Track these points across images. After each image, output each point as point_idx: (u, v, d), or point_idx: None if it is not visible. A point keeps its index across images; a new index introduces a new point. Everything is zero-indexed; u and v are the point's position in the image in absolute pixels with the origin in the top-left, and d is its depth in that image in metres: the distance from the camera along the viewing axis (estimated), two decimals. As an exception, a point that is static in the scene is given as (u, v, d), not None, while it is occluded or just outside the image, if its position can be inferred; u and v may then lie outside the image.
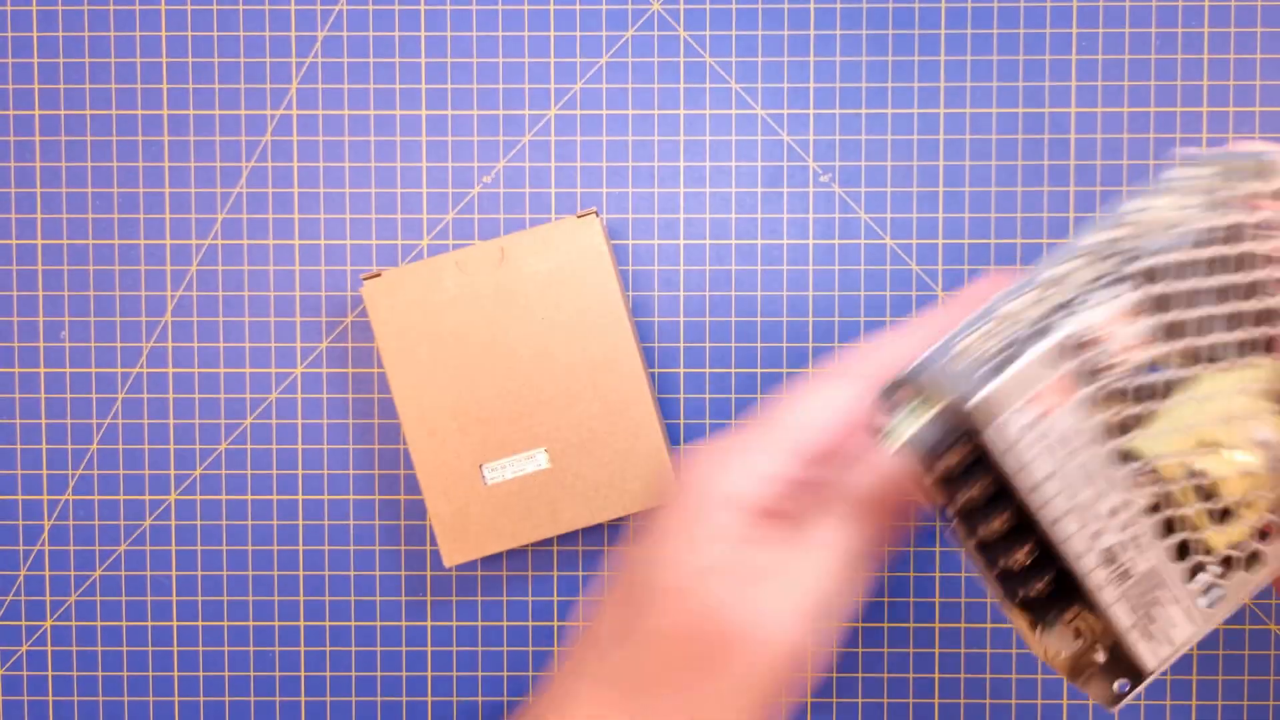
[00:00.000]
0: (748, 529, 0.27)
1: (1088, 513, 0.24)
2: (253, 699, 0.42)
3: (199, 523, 0.42)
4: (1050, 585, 0.25)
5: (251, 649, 0.42)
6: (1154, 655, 0.24)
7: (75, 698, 0.42)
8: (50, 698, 0.42)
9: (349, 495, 0.42)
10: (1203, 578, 0.24)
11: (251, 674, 0.42)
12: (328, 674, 0.42)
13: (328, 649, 0.42)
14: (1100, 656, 0.25)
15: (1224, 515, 0.24)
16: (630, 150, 0.41)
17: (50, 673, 0.42)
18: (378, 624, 0.42)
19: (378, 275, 0.39)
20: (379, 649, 0.42)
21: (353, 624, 0.42)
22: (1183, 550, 0.24)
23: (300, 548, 0.42)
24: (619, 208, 0.42)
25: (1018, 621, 0.25)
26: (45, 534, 0.42)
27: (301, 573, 0.42)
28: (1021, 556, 0.24)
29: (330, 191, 0.42)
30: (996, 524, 0.24)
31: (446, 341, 0.39)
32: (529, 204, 0.42)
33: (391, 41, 0.42)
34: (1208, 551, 0.24)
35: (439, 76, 0.42)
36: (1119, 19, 0.41)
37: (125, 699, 0.42)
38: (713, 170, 0.41)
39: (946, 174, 0.41)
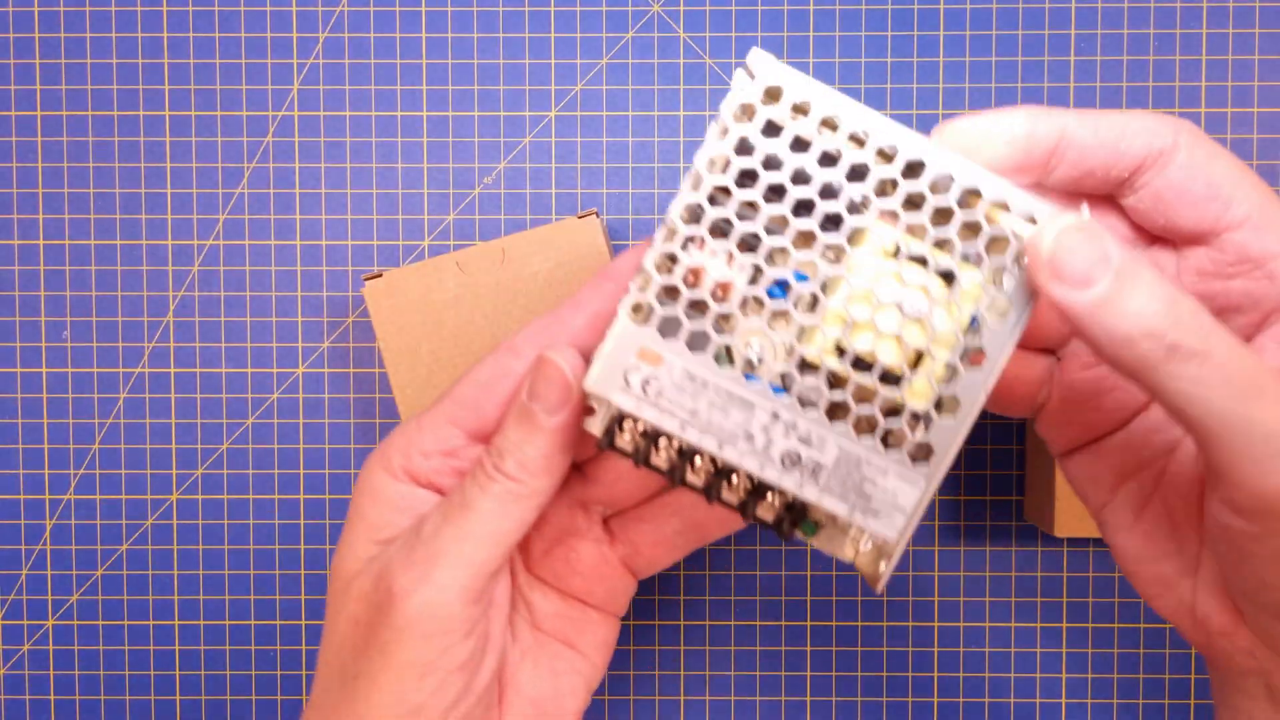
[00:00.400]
0: (417, 503, 0.28)
1: (742, 434, 0.24)
2: (254, 698, 0.42)
3: (201, 522, 0.42)
4: (784, 500, 0.25)
5: (253, 648, 0.42)
6: (890, 527, 0.24)
7: (77, 697, 0.42)
8: (52, 697, 0.42)
9: (350, 495, 0.42)
10: (907, 441, 0.24)
11: (253, 673, 0.42)
12: (329, 673, 0.42)
13: (329, 648, 0.42)
14: (864, 545, 0.26)
15: (898, 380, 0.24)
16: (631, 151, 0.42)
17: (52, 672, 0.42)
18: (379, 623, 0.42)
19: (379, 276, 0.39)
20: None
21: (354, 623, 0.42)
22: (868, 426, 0.24)
23: (302, 547, 0.42)
24: (619, 208, 0.42)
25: (806, 540, 0.26)
26: (47, 533, 0.42)
27: (303, 572, 0.42)
28: (734, 491, 0.25)
29: (332, 192, 0.42)
30: (697, 473, 0.25)
31: (447, 341, 0.39)
32: (530, 205, 0.42)
33: (393, 43, 0.42)
34: (898, 415, 0.24)
35: (440, 78, 0.42)
36: (1117, 20, 0.41)
37: (127, 698, 0.42)
38: (713, 171, 0.42)
39: (945, 175, 0.41)
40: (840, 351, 0.24)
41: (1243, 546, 0.23)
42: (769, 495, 0.25)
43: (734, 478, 0.25)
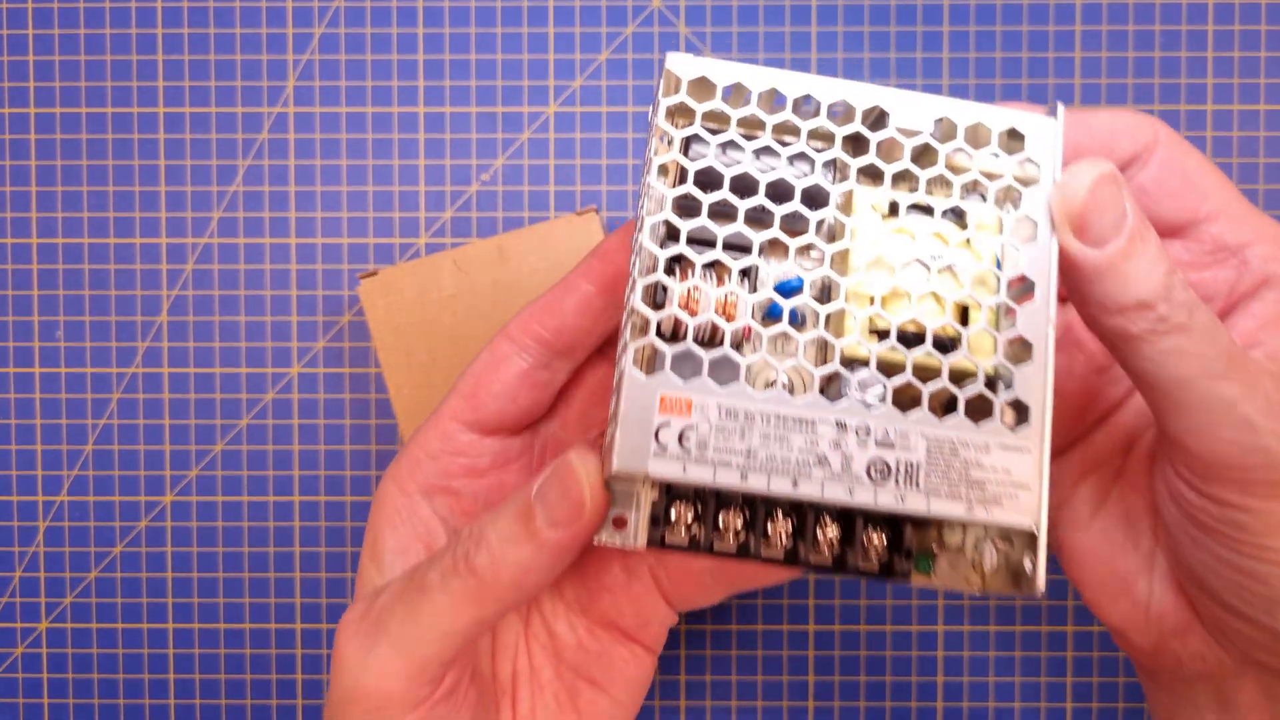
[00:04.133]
0: (416, 522, 0.27)
1: (813, 460, 0.20)
2: (249, 703, 0.42)
3: (195, 524, 0.41)
4: (883, 537, 0.22)
5: (248, 652, 0.42)
6: (1019, 511, 0.21)
7: (70, 700, 0.42)
8: (45, 700, 0.42)
9: (346, 497, 0.41)
10: (996, 405, 0.21)
11: (248, 677, 0.42)
12: (325, 677, 0.41)
13: (324, 652, 0.41)
14: (993, 551, 0.22)
15: (953, 344, 0.21)
16: (630, 147, 0.41)
17: (45, 675, 0.42)
18: (375, 626, 0.41)
19: (374, 274, 0.38)
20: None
21: (350, 626, 0.41)
22: (948, 404, 0.21)
23: (297, 549, 0.41)
24: (619, 205, 0.41)
25: (918, 583, 0.22)
26: (40, 535, 0.42)
27: (298, 575, 0.41)
28: (821, 549, 0.22)
29: (327, 190, 0.41)
30: (773, 541, 0.22)
31: (444, 341, 0.38)
32: (528, 202, 0.41)
33: (389, 38, 0.41)
34: (971, 383, 0.21)
35: (437, 73, 0.41)
36: (1122, 16, 0.41)
37: (121, 702, 0.42)
38: (713, 168, 0.41)
39: (949, 172, 0.41)
40: (881, 335, 0.21)
41: (1196, 522, 0.23)
42: (866, 538, 0.22)
43: (820, 532, 0.22)
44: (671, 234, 0.22)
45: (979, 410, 0.21)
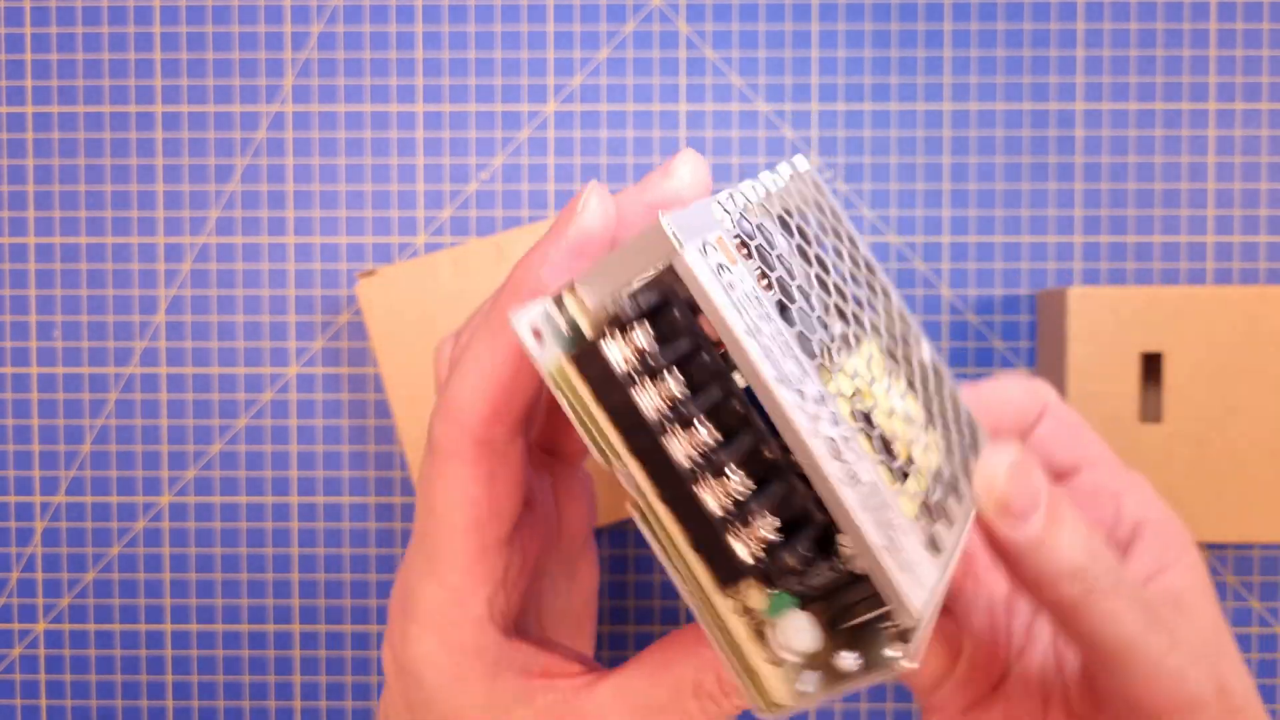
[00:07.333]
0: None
1: (796, 388, 0.18)
2: (247, 704, 0.41)
3: (193, 525, 0.41)
4: (765, 530, 0.18)
5: (246, 653, 0.41)
6: (916, 594, 0.18)
7: (68, 702, 0.41)
8: (43, 702, 0.41)
9: (344, 498, 0.41)
10: (934, 514, 0.20)
11: (246, 679, 0.41)
12: (323, 679, 0.41)
13: (323, 654, 0.41)
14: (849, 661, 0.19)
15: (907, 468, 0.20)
16: (630, 147, 0.41)
17: (43, 677, 0.41)
18: (374, 629, 0.41)
19: (373, 273, 0.38)
20: (375, 654, 0.41)
21: (348, 629, 0.41)
22: (897, 475, 0.20)
23: (295, 550, 0.41)
24: (618, 205, 0.41)
25: (778, 613, 0.19)
26: (38, 536, 0.41)
27: (296, 576, 0.41)
28: (722, 487, 0.18)
29: (325, 189, 0.41)
30: (705, 432, 0.18)
31: (443, 341, 0.38)
32: (527, 201, 0.41)
33: (387, 37, 0.41)
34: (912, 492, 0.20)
35: (436, 72, 0.41)
36: (1124, 15, 0.41)
37: (119, 703, 0.41)
38: (714, 167, 0.41)
39: (952, 171, 0.41)
40: (866, 418, 0.20)
41: None
42: (751, 518, 0.18)
43: (727, 474, 0.18)
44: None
45: (928, 510, 0.21)
